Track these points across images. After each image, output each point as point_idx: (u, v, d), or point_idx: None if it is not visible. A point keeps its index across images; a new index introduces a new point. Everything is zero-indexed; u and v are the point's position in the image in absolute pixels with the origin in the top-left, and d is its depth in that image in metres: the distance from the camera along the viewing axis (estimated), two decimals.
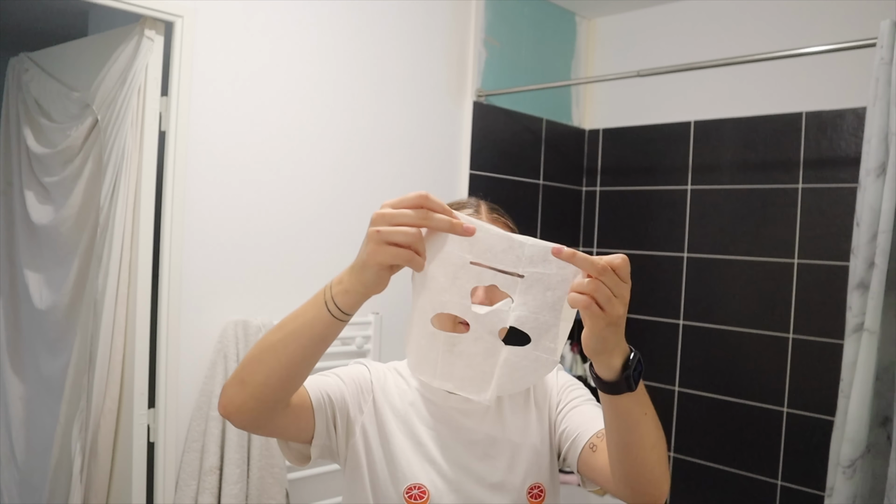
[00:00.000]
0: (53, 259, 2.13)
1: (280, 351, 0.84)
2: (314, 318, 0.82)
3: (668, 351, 2.76)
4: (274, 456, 1.96)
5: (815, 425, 2.36)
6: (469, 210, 1.07)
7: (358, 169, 2.30)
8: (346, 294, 0.81)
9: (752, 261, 2.56)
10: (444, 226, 0.78)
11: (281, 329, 0.85)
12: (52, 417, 2.03)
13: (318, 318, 0.82)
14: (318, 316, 0.82)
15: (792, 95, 2.48)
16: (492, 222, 1.06)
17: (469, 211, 1.07)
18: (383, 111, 2.36)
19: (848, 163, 2.32)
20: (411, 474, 1.02)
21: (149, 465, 1.88)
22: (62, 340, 2.07)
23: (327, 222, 2.22)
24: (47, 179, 2.15)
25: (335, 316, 0.81)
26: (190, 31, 1.87)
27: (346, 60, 2.25)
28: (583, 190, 3.09)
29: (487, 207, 1.09)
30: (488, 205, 1.10)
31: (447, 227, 0.78)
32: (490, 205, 1.11)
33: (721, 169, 2.66)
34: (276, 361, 0.84)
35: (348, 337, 2.23)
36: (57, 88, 2.12)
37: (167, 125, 1.87)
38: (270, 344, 0.85)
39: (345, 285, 0.81)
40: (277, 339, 0.84)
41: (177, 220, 1.88)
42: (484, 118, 2.64)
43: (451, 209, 0.80)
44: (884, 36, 1.71)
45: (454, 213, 0.79)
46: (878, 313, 1.69)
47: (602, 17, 3.09)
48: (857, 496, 1.72)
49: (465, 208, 1.08)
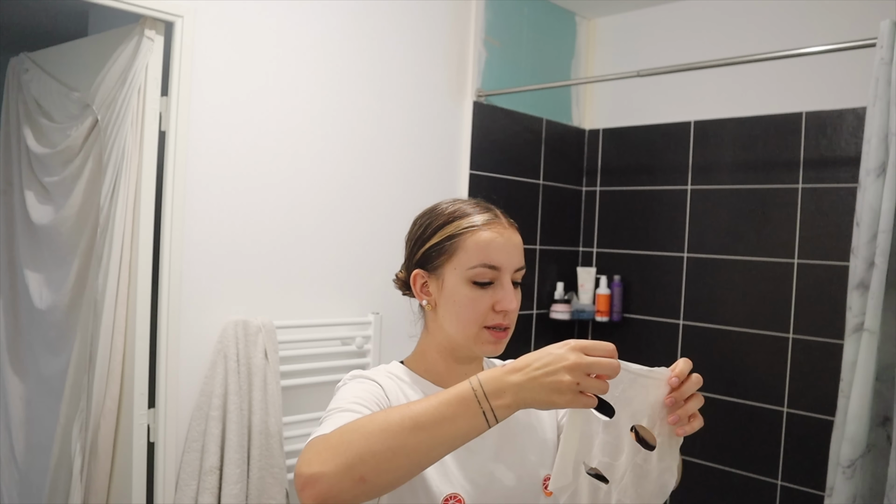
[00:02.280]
0: (53, 259, 2.13)
1: (423, 457, 0.78)
2: (471, 427, 0.78)
3: (668, 351, 2.76)
4: (274, 456, 1.96)
5: (815, 425, 2.36)
6: (488, 216, 1.05)
7: (358, 168, 2.30)
8: (509, 409, 0.79)
9: (752, 261, 2.56)
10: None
11: (419, 430, 0.77)
12: (52, 417, 2.03)
13: (476, 428, 0.78)
14: (475, 426, 0.78)
15: (792, 95, 2.48)
16: (510, 228, 1.06)
17: (488, 217, 1.05)
18: (383, 111, 2.36)
19: (848, 163, 2.32)
20: (447, 484, 1.00)
21: (149, 465, 1.88)
22: (62, 340, 2.07)
23: (327, 222, 2.22)
24: (47, 179, 2.15)
25: (490, 426, 0.79)
26: (190, 31, 1.88)
27: (346, 60, 2.25)
28: (583, 190, 3.09)
29: (504, 214, 1.09)
30: (502, 211, 1.10)
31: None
32: (503, 211, 1.10)
33: (721, 169, 2.66)
34: (414, 465, 0.78)
35: (348, 337, 2.23)
36: (57, 88, 2.12)
37: (167, 125, 1.87)
38: (408, 447, 0.77)
39: (507, 400, 0.78)
40: (419, 443, 0.77)
41: (177, 220, 1.88)
42: (484, 118, 2.64)
43: None
44: (884, 36, 1.71)
45: None
46: (878, 313, 1.69)
47: (602, 17, 3.09)
48: (857, 496, 1.72)
49: (482, 213, 1.06)
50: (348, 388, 1.00)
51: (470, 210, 1.06)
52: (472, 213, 1.06)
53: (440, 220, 1.06)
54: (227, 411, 1.90)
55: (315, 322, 2.16)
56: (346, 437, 0.79)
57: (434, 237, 1.05)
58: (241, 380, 1.93)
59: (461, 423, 0.78)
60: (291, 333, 2.11)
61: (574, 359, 0.77)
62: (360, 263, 2.29)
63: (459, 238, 1.03)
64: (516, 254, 1.05)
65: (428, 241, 1.06)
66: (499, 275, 1.02)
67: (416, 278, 1.07)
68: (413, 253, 1.09)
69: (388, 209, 2.37)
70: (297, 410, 2.13)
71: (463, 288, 1.02)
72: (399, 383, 1.06)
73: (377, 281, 2.31)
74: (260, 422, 1.94)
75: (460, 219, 1.05)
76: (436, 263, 1.05)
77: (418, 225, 1.10)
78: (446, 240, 1.04)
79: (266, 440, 1.95)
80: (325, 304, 2.21)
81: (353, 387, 1.00)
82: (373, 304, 2.31)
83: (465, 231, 1.03)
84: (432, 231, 1.06)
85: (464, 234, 1.03)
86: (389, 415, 0.80)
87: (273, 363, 1.98)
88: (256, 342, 1.97)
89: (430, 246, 1.06)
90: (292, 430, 2.10)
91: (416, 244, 1.09)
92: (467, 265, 1.02)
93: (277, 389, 1.99)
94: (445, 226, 1.05)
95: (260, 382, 1.95)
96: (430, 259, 1.06)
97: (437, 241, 1.05)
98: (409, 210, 2.71)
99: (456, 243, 1.03)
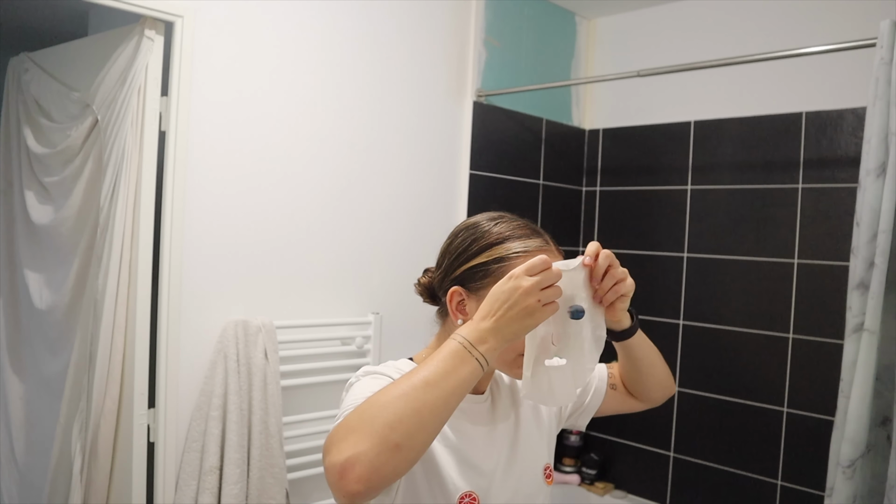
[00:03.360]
0: (53, 259, 2.13)
1: (443, 409, 0.84)
2: (471, 373, 0.86)
3: (668, 351, 2.75)
4: (274, 456, 1.96)
5: (815, 425, 2.36)
6: (539, 242, 1.04)
7: (358, 168, 2.30)
8: (496, 350, 0.89)
9: (752, 261, 2.56)
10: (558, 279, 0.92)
11: (432, 387, 0.83)
12: (52, 417, 2.03)
13: (475, 373, 0.87)
14: (474, 372, 0.87)
15: (792, 95, 2.48)
16: (559, 256, 1.05)
17: (539, 243, 1.03)
18: (383, 111, 2.36)
19: (848, 163, 2.32)
20: (462, 483, 1.00)
21: (149, 465, 1.88)
22: (62, 340, 2.07)
23: (327, 222, 2.22)
24: (47, 179, 2.15)
25: (484, 369, 0.88)
26: (190, 31, 1.88)
27: (346, 60, 2.25)
28: (583, 190, 3.09)
29: (552, 240, 1.08)
30: (550, 236, 1.08)
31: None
32: (551, 236, 1.09)
33: (721, 169, 2.66)
34: (439, 421, 0.84)
35: (348, 337, 2.23)
36: (57, 88, 2.12)
37: (167, 125, 1.87)
38: (429, 403, 0.82)
39: (492, 343, 0.88)
40: (437, 398, 0.83)
41: (177, 220, 1.88)
42: (484, 118, 2.64)
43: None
44: (884, 36, 1.71)
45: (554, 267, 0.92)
46: (878, 313, 1.69)
47: (602, 17, 3.09)
48: (857, 496, 1.72)
49: (533, 237, 1.04)
50: (362, 385, 0.98)
51: (520, 233, 1.03)
52: (523, 236, 1.03)
53: (488, 239, 1.03)
54: (227, 411, 1.90)
55: (315, 322, 2.16)
56: (367, 414, 0.81)
57: (479, 256, 1.02)
58: (241, 380, 1.93)
59: (463, 372, 0.86)
60: (291, 333, 2.11)
61: (526, 284, 0.88)
62: (360, 263, 2.29)
63: (510, 263, 0.99)
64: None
65: (472, 259, 1.02)
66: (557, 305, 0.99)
67: (452, 295, 1.03)
68: (452, 268, 1.05)
69: (389, 209, 2.37)
70: (297, 410, 2.13)
71: None
72: None
73: (377, 281, 2.31)
74: (260, 422, 1.94)
75: (510, 241, 1.01)
76: (479, 284, 1.01)
77: (461, 239, 1.05)
78: (494, 262, 1.00)
79: (266, 440, 1.95)
80: (325, 304, 2.21)
81: (367, 383, 0.99)
82: (373, 304, 2.31)
83: (516, 256, 1.00)
84: (478, 249, 1.02)
85: (515, 259, 0.99)
86: (399, 384, 0.84)
87: (273, 363, 1.98)
88: (256, 342, 1.97)
89: (474, 265, 1.02)
90: (292, 430, 2.10)
91: (456, 259, 1.04)
92: None
93: (277, 389, 1.99)
94: (494, 246, 1.01)
95: (260, 382, 1.95)
96: (472, 278, 1.01)
97: (483, 261, 1.01)
98: (408, 210, 2.71)
99: (506, 268, 0.98)
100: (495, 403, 1.10)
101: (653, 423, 2.79)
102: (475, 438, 1.04)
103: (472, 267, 1.02)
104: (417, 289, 1.13)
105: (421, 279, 1.12)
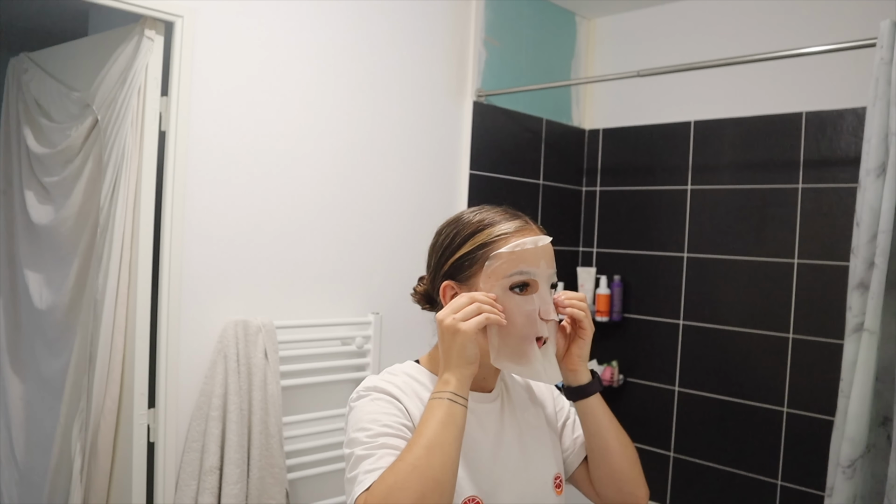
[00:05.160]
0: (53, 259, 2.13)
1: (449, 457, 0.90)
2: (460, 418, 0.93)
3: (668, 351, 2.76)
4: (274, 456, 1.96)
5: (815, 425, 2.36)
6: (518, 223, 1.03)
7: (358, 168, 2.30)
8: (463, 387, 0.95)
9: (752, 261, 2.56)
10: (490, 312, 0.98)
11: (434, 447, 0.89)
12: (52, 417, 2.03)
13: (459, 414, 0.93)
14: (457, 414, 0.93)
15: (792, 95, 2.48)
16: (542, 234, 1.04)
17: (519, 224, 1.03)
18: (383, 111, 2.36)
19: (848, 163, 2.32)
20: (467, 487, 0.99)
21: (149, 465, 1.88)
22: (62, 340, 2.07)
23: (327, 222, 2.22)
24: (47, 179, 2.15)
25: (465, 406, 0.95)
26: (190, 31, 1.88)
27: (346, 60, 2.25)
28: (583, 190, 3.09)
29: (533, 221, 1.07)
30: (531, 217, 1.08)
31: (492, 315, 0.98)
32: (531, 217, 1.09)
33: (721, 169, 2.66)
34: (450, 470, 0.90)
35: (348, 337, 2.23)
36: (57, 88, 2.12)
37: (167, 125, 1.87)
38: (435, 464, 0.88)
39: (454, 383, 0.95)
40: (442, 454, 0.89)
41: (177, 220, 1.88)
42: (484, 118, 2.64)
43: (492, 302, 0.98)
44: (884, 36, 1.71)
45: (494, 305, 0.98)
46: (878, 313, 1.69)
47: (602, 17, 3.09)
48: (857, 496, 1.72)
49: (512, 220, 1.04)
50: (365, 412, 0.98)
51: (499, 217, 1.03)
52: (502, 220, 1.03)
53: (469, 228, 1.03)
54: (227, 411, 1.90)
55: (315, 322, 2.16)
56: (393, 499, 0.85)
57: (464, 246, 1.02)
58: (241, 380, 1.93)
59: (449, 420, 0.92)
60: (291, 333, 2.11)
61: (440, 316, 0.96)
62: (360, 263, 2.29)
63: (494, 245, 1.00)
64: (551, 260, 1.03)
65: (458, 250, 1.02)
66: (536, 282, 1.00)
67: (445, 290, 1.03)
68: (440, 264, 1.05)
69: (388, 209, 2.37)
70: (297, 410, 2.13)
71: (505, 297, 0.99)
72: (413, 385, 1.04)
73: (377, 281, 2.31)
74: (260, 422, 1.94)
75: (491, 227, 1.02)
76: (468, 273, 1.01)
77: (445, 235, 1.06)
78: (478, 248, 1.00)
79: (266, 440, 1.95)
80: (325, 304, 2.21)
81: (370, 409, 0.98)
82: (373, 304, 2.31)
83: (497, 239, 1.00)
84: (462, 240, 1.03)
85: (497, 241, 1.00)
86: (405, 457, 0.88)
87: (273, 363, 1.98)
88: (256, 342, 1.97)
89: (460, 255, 1.02)
90: (292, 430, 2.10)
91: (443, 255, 1.05)
92: (504, 273, 0.98)
93: (277, 389, 1.99)
94: (475, 234, 1.02)
95: (260, 382, 1.95)
96: (461, 269, 1.02)
97: (468, 250, 1.01)
98: (408, 210, 2.72)
99: (489, 250, 0.99)
100: (504, 406, 1.09)
101: (653, 423, 2.79)
102: (482, 442, 1.04)
103: (459, 258, 1.02)
104: (415, 297, 1.13)
105: (417, 287, 1.12)
